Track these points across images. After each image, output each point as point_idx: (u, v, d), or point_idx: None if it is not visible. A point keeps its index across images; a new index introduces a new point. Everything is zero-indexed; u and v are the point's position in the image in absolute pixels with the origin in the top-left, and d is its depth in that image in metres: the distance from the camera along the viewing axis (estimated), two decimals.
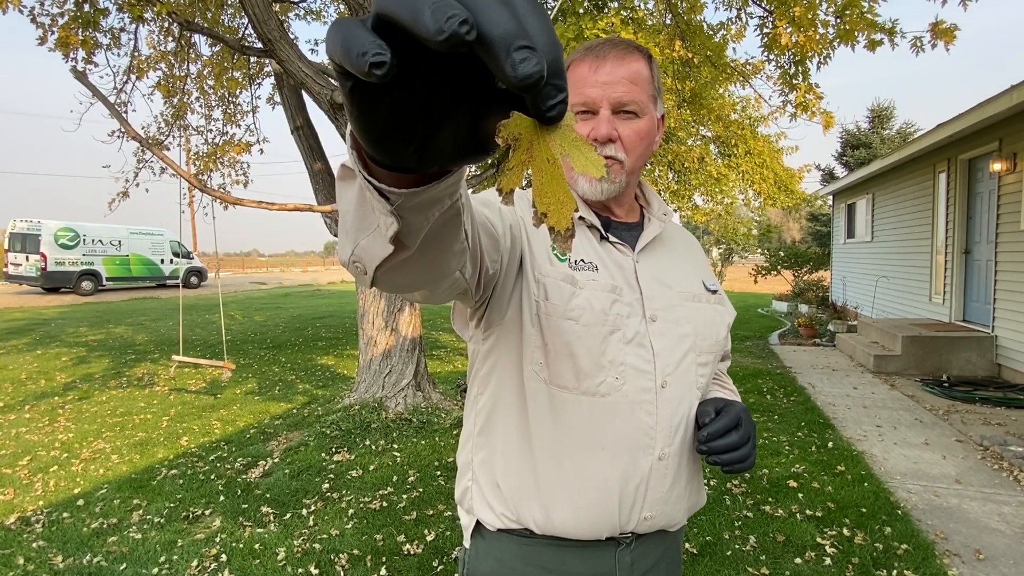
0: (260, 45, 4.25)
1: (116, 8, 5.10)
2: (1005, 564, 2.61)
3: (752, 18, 4.70)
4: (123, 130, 5.34)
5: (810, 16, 3.76)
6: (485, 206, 0.75)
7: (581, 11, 4.69)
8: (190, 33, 5.42)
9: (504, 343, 0.86)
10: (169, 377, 6.35)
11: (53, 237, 16.84)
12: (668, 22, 4.96)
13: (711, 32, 5.05)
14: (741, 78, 5.30)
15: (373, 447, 4.06)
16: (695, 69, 5.16)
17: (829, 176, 20.11)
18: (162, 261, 20.00)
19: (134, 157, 6.19)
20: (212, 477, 3.63)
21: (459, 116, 0.36)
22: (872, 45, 3.80)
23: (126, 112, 5.83)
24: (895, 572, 2.54)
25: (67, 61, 4.71)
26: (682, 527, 0.99)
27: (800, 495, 3.31)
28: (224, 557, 2.69)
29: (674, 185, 8.58)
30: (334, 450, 4.01)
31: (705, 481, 0.96)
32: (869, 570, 2.56)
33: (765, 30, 4.11)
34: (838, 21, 3.78)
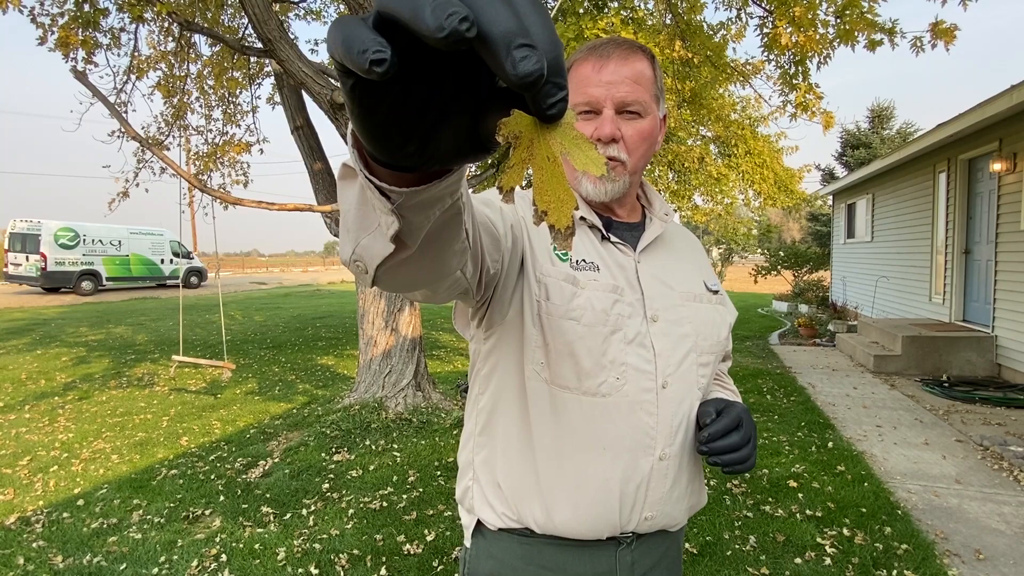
0: (260, 45, 4.25)
1: (116, 8, 5.10)
2: (1005, 564, 2.61)
3: (752, 18, 4.70)
4: (123, 130, 5.34)
5: (810, 16, 3.76)
6: (486, 206, 0.75)
7: (581, 11, 4.69)
8: (190, 33, 5.42)
9: (505, 343, 0.86)
10: (169, 377, 6.35)
11: (53, 237, 16.85)
12: (668, 22, 4.95)
13: (711, 32, 5.05)
14: (741, 78, 5.29)
15: (373, 447, 4.06)
16: (695, 69, 5.16)
17: (829, 176, 20.09)
18: (162, 261, 20.01)
19: (134, 157, 6.20)
20: (212, 477, 3.63)
21: (460, 114, 0.36)
22: (872, 45, 3.80)
23: (126, 112, 5.83)
24: (895, 572, 2.54)
25: (67, 61, 4.71)
26: (683, 527, 0.99)
27: (800, 495, 3.31)
28: (224, 557, 2.69)
29: (674, 185, 8.58)
30: (334, 450, 4.01)
31: (705, 481, 0.96)
32: (869, 570, 2.56)
33: (765, 30, 4.11)
34: (838, 21, 3.78)
